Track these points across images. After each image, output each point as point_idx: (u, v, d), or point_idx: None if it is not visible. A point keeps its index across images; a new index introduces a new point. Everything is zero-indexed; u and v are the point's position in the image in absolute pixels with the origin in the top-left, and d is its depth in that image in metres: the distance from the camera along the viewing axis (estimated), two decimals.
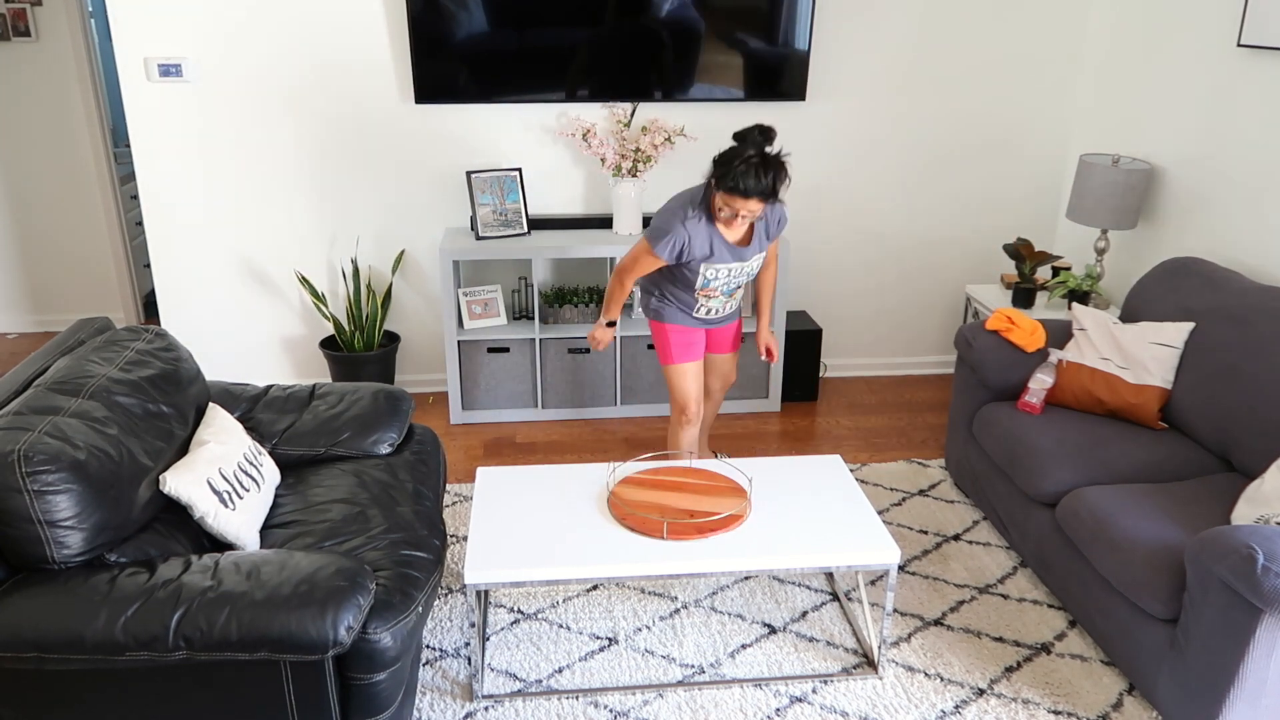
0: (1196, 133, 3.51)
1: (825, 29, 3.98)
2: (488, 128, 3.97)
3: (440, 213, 4.09)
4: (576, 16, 3.75)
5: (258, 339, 4.22)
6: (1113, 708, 2.48)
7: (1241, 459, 2.73)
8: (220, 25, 3.72)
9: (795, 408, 4.23)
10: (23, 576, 1.95)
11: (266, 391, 2.89)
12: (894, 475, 3.62)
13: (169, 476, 2.20)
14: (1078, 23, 4.10)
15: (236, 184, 3.96)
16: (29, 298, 5.08)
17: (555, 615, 2.82)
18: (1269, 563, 2.00)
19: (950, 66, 4.11)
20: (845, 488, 2.72)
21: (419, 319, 4.26)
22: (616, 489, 2.65)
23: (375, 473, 2.61)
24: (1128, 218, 3.67)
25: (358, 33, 3.78)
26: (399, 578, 2.12)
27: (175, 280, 4.08)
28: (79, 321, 2.61)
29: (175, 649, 1.86)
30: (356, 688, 2.00)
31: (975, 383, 3.29)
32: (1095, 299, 3.79)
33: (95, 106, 4.73)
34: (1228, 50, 3.35)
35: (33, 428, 1.98)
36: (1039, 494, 2.82)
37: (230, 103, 3.83)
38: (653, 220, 2.91)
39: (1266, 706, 2.18)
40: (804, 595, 2.92)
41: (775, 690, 2.53)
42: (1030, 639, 2.73)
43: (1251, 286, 2.94)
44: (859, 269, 4.41)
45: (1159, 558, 2.32)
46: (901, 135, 4.19)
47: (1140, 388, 2.96)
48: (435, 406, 4.22)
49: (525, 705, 2.47)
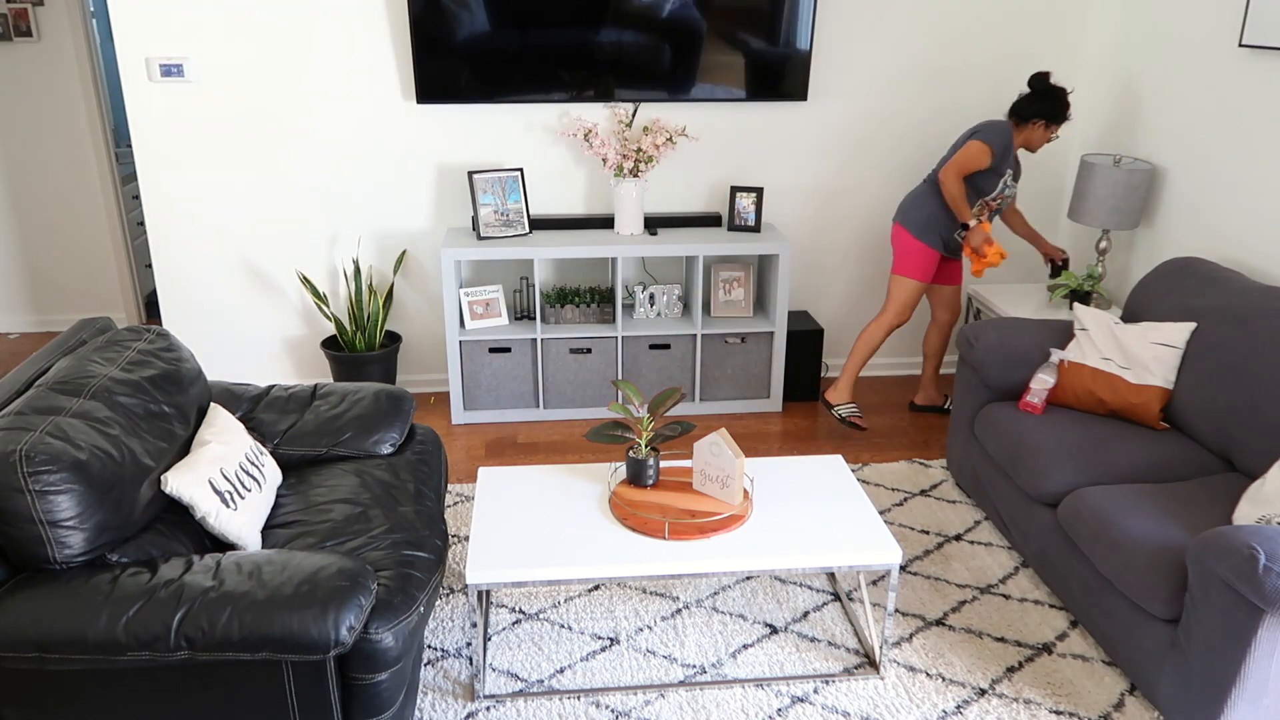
0: (1198, 133, 3.51)
1: (827, 29, 3.98)
2: (489, 128, 3.97)
3: (442, 213, 4.10)
4: (578, 16, 3.75)
5: (259, 339, 4.22)
6: (1114, 708, 2.48)
7: (1243, 459, 2.73)
8: (222, 25, 3.72)
9: (797, 407, 4.23)
10: (24, 576, 1.96)
11: (268, 392, 2.89)
12: (895, 475, 3.62)
13: (170, 477, 2.20)
14: (1078, 23, 4.10)
15: (238, 184, 3.96)
16: (30, 298, 5.08)
17: (557, 615, 2.82)
18: (1270, 563, 2.00)
19: (951, 67, 4.10)
20: (847, 488, 2.72)
21: (420, 319, 4.27)
22: (618, 489, 2.65)
23: (377, 473, 2.61)
24: (1129, 218, 3.67)
25: (359, 33, 3.78)
26: (401, 578, 2.12)
27: (177, 280, 4.08)
28: (80, 321, 2.61)
29: (177, 649, 1.86)
30: (358, 688, 2.00)
31: (977, 383, 3.29)
32: (1097, 299, 3.79)
33: (97, 106, 4.73)
34: (1229, 50, 3.34)
35: (34, 428, 1.98)
36: (1040, 494, 2.82)
37: (232, 103, 3.83)
38: (979, 132, 3.54)
39: (1268, 707, 2.18)
40: (805, 595, 2.92)
41: (777, 690, 2.53)
42: (1032, 639, 2.73)
43: (1253, 286, 2.94)
44: (861, 269, 4.41)
45: (1160, 558, 2.32)
46: (903, 135, 4.19)
47: (1142, 388, 2.96)
48: (437, 406, 4.22)
49: (527, 705, 2.47)
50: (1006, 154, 3.55)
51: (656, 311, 4.10)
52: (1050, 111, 3.54)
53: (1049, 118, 3.55)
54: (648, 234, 3.97)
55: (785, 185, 4.22)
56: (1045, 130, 3.58)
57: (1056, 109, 3.54)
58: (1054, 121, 3.57)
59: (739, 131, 4.10)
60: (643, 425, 2.61)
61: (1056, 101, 3.54)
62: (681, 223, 4.09)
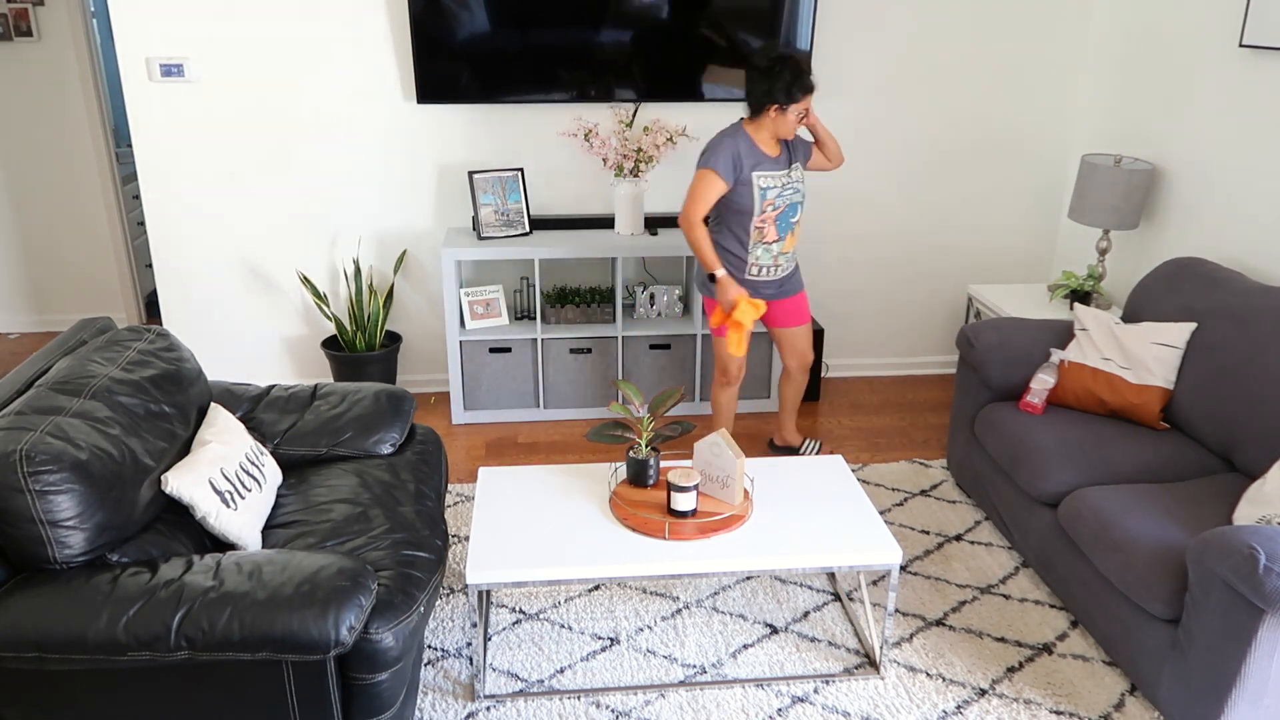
0: (1199, 133, 3.51)
1: (827, 29, 3.98)
2: (490, 128, 3.97)
3: (442, 213, 4.10)
4: (578, 16, 3.75)
5: (259, 339, 4.22)
6: (1114, 708, 2.48)
7: (1243, 459, 2.73)
8: (222, 25, 3.72)
9: None
10: (24, 576, 1.96)
11: (268, 391, 2.89)
12: (896, 475, 3.62)
13: (171, 477, 2.20)
14: (1080, 23, 4.10)
15: (238, 184, 3.96)
16: (30, 298, 5.08)
17: (557, 615, 2.82)
18: (1271, 563, 2.00)
19: (952, 67, 4.10)
20: (847, 488, 2.72)
21: (421, 319, 4.27)
22: (618, 489, 2.65)
23: (377, 473, 2.61)
24: (1130, 218, 3.67)
25: (360, 33, 3.78)
26: (401, 578, 2.12)
27: (177, 280, 4.08)
28: (81, 321, 2.61)
29: (177, 649, 1.86)
30: (358, 688, 2.00)
31: (977, 383, 3.29)
32: (1097, 299, 3.79)
33: (97, 106, 4.73)
34: (1230, 50, 3.34)
35: (35, 428, 1.98)
36: (1041, 494, 2.82)
37: (232, 103, 3.83)
38: (700, 160, 3.13)
39: (1268, 707, 2.18)
40: (806, 595, 2.92)
41: (777, 690, 2.53)
42: (1032, 639, 2.73)
43: (1254, 287, 2.94)
44: (861, 269, 4.41)
45: (1161, 558, 2.32)
46: (903, 135, 4.19)
47: (1142, 388, 2.96)
48: (437, 406, 4.22)
49: (527, 705, 2.47)
50: (739, 161, 3.08)
51: (657, 311, 4.10)
52: (775, 91, 3.00)
53: (782, 99, 3.01)
54: (648, 234, 3.97)
55: None
56: (783, 113, 3.03)
57: (780, 85, 2.98)
58: (789, 101, 3.00)
59: None
60: (643, 425, 2.61)
61: (778, 77, 2.98)
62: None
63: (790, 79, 2.99)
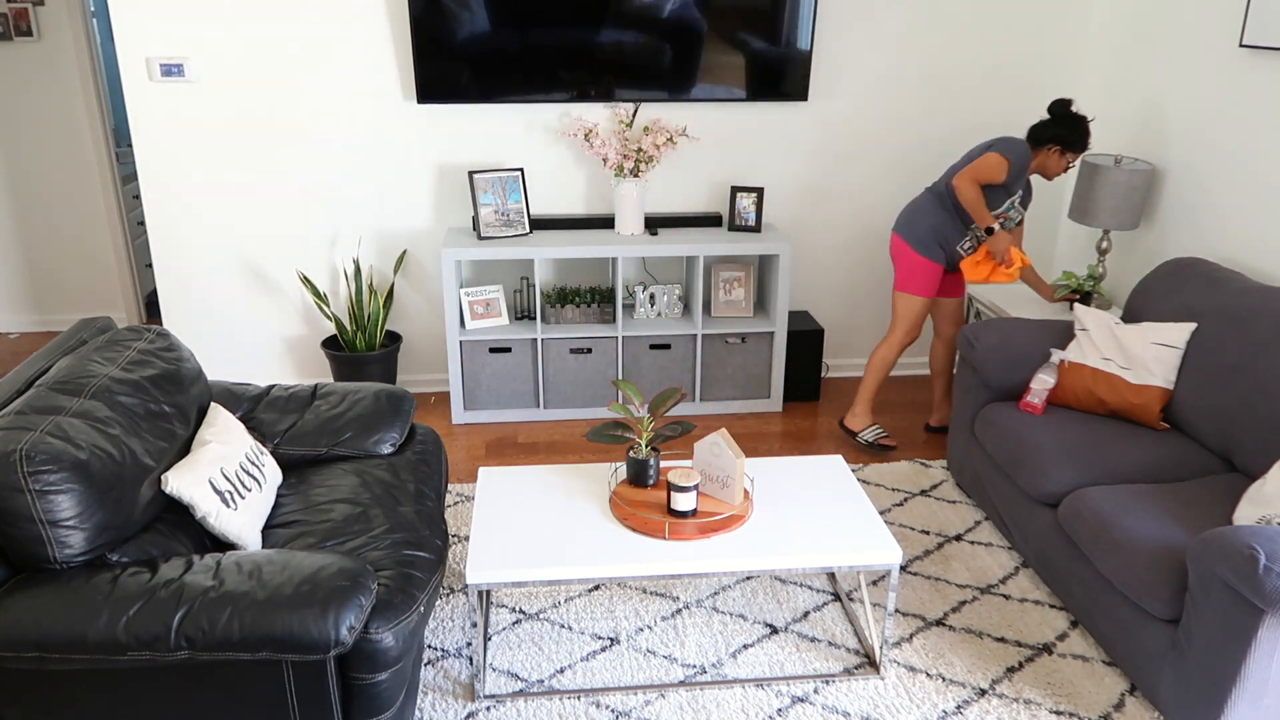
0: (1199, 133, 3.51)
1: (827, 29, 3.98)
2: (490, 128, 3.97)
3: (442, 213, 4.10)
4: (578, 16, 3.75)
5: (259, 339, 4.22)
6: (1114, 708, 2.48)
7: (1243, 459, 2.73)
8: (222, 25, 3.72)
9: (797, 408, 4.23)
10: (24, 576, 1.96)
11: (268, 391, 2.89)
12: (896, 475, 3.62)
13: (171, 476, 2.20)
14: (1080, 23, 4.10)
15: (238, 184, 3.96)
16: (31, 297, 5.08)
17: (557, 615, 2.82)
18: (1271, 563, 2.00)
19: (952, 67, 4.10)
20: (847, 488, 2.72)
21: (421, 319, 4.27)
22: (618, 489, 2.65)
23: (377, 473, 2.61)
24: (1130, 218, 3.66)
25: (360, 33, 3.79)
26: (401, 578, 2.12)
27: (177, 280, 4.08)
28: (81, 321, 2.61)
29: (177, 649, 1.86)
30: (358, 688, 2.00)
31: (977, 383, 3.29)
32: (1097, 299, 3.79)
33: (97, 106, 4.73)
34: (1230, 51, 3.34)
35: (35, 427, 1.98)
36: (1041, 494, 2.82)
37: (232, 103, 3.83)
38: (996, 145, 3.44)
39: (1268, 707, 2.18)
40: (806, 595, 2.92)
41: (777, 690, 2.53)
42: (1032, 639, 2.73)
43: (1254, 287, 2.94)
44: (861, 269, 4.41)
45: (1161, 558, 2.32)
46: (903, 135, 4.19)
47: (1142, 388, 2.96)
48: (437, 406, 4.22)
49: (527, 705, 2.47)
50: (1021, 174, 3.46)
51: (657, 311, 4.10)
52: (1066, 138, 3.45)
53: (1065, 144, 3.46)
54: (648, 234, 3.97)
55: (786, 185, 4.22)
56: (1061, 157, 3.49)
57: (1074, 136, 3.45)
58: (1070, 149, 3.47)
59: (739, 131, 4.10)
60: (643, 425, 2.61)
61: (1074, 129, 3.44)
62: (682, 223, 4.09)
63: (1083, 133, 3.47)
